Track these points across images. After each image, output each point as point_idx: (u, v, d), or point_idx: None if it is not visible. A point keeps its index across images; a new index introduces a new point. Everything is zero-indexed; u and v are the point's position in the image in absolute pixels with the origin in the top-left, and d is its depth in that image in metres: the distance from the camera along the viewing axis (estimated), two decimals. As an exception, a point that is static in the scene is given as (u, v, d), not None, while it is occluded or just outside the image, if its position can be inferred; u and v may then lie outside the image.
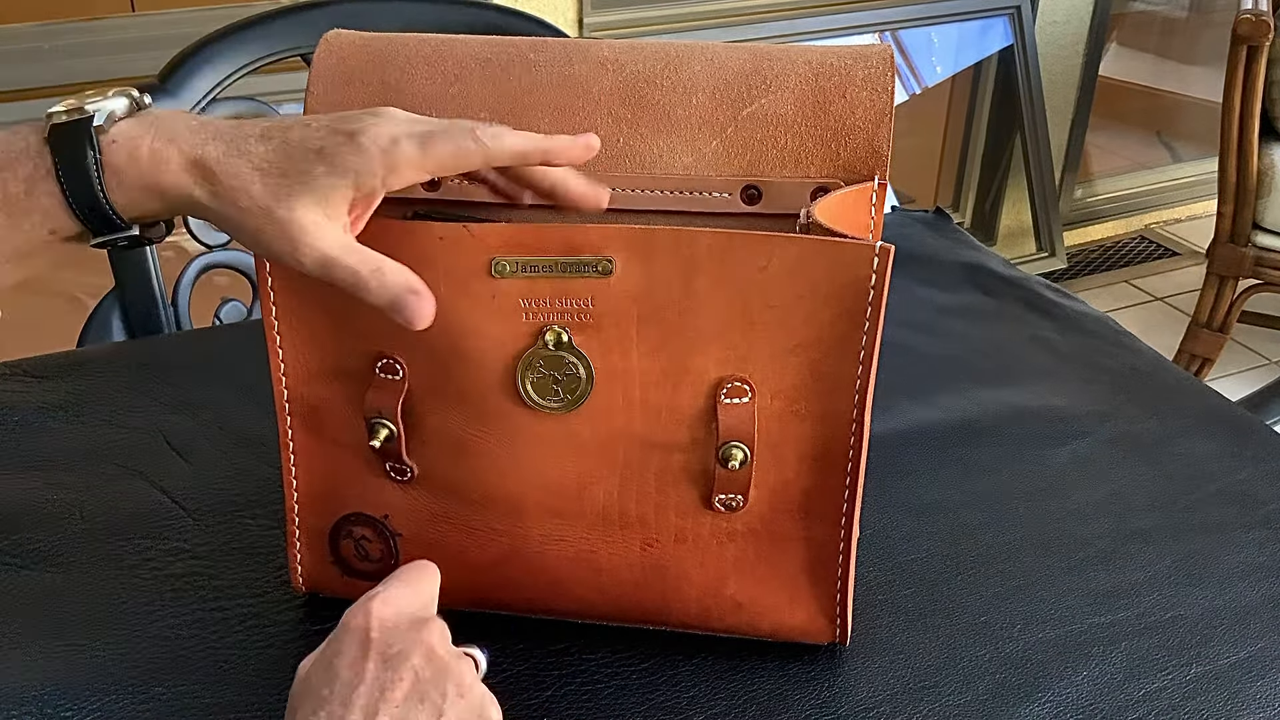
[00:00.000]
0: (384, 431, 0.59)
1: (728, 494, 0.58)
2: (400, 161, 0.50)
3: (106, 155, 0.50)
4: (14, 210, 0.50)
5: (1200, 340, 2.16)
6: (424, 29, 0.69)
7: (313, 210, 0.50)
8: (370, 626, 0.48)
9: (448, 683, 0.47)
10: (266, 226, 0.50)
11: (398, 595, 0.50)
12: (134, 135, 0.51)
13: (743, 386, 0.56)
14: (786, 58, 0.59)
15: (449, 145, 0.51)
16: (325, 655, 0.48)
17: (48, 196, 0.50)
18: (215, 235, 1.05)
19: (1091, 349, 0.93)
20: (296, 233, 0.50)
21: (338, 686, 0.46)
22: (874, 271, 0.53)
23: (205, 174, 0.50)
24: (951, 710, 0.60)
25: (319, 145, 0.50)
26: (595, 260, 0.54)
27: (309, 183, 0.50)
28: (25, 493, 0.73)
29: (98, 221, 0.51)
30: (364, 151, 0.50)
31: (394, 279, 0.52)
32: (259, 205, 0.50)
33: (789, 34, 2.21)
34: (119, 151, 0.50)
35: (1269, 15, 1.88)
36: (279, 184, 0.50)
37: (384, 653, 0.47)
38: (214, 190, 0.51)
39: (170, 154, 0.51)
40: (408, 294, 0.52)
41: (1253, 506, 0.75)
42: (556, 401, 0.57)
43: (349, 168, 0.50)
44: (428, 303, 0.52)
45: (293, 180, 0.50)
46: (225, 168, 0.50)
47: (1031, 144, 2.55)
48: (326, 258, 0.51)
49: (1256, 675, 0.62)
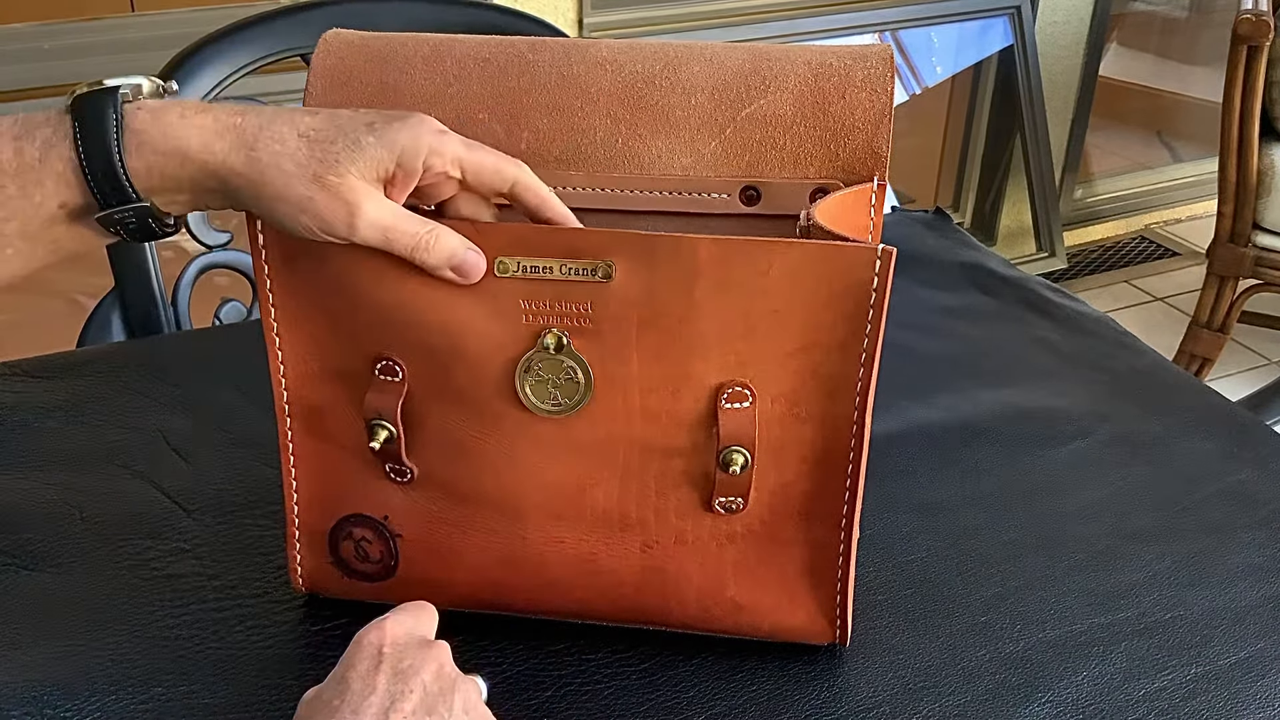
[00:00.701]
0: (383, 433, 0.59)
1: (728, 497, 0.58)
2: (445, 148, 0.51)
3: (129, 119, 0.49)
4: (27, 178, 0.49)
5: (1200, 340, 2.16)
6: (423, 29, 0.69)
7: (362, 179, 0.50)
8: (384, 642, 0.49)
9: (455, 697, 0.48)
10: (317, 194, 0.50)
11: (406, 619, 0.51)
12: (163, 105, 0.50)
13: (743, 391, 0.56)
14: (786, 58, 0.59)
15: (489, 155, 0.53)
16: (336, 673, 0.48)
17: (61, 161, 0.49)
18: (215, 235, 1.05)
19: (1091, 349, 0.93)
20: (351, 198, 0.50)
21: (349, 696, 0.46)
22: (876, 274, 0.53)
23: (243, 139, 0.50)
24: (951, 710, 0.60)
25: (369, 120, 0.51)
26: (596, 264, 0.54)
27: (359, 151, 0.50)
28: (25, 493, 0.73)
29: (110, 186, 0.50)
30: (413, 130, 0.51)
31: (450, 239, 0.53)
32: (306, 171, 0.50)
33: (789, 34, 2.21)
34: (143, 115, 0.50)
35: (1269, 15, 1.88)
36: (328, 150, 0.50)
37: (395, 666, 0.48)
38: (252, 156, 0.50)
39: (203, 120, 0.50)
40: (466, 251, 0.53)
41: (1253, 506, 0.75)
42: (555, 405, 0.56)
43: (398, 142, 0.50)
44: (481, 258, 0.54)
45: (341, 148, 0.50)
46: (268, 133, 0.50)
47: (1031, 144, 2.55)
48: (385, 224, 0.51)
49: (1256, 675, 0.62)
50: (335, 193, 0.50)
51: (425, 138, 0.51)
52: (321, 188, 0.50)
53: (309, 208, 0.50)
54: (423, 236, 0.52)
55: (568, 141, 0.59)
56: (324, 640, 0.63)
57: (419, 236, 0.52)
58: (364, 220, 0.51)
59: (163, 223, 0.53)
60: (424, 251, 0.52)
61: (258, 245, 0.57)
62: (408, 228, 0.52)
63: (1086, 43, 2.64)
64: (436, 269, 0.53)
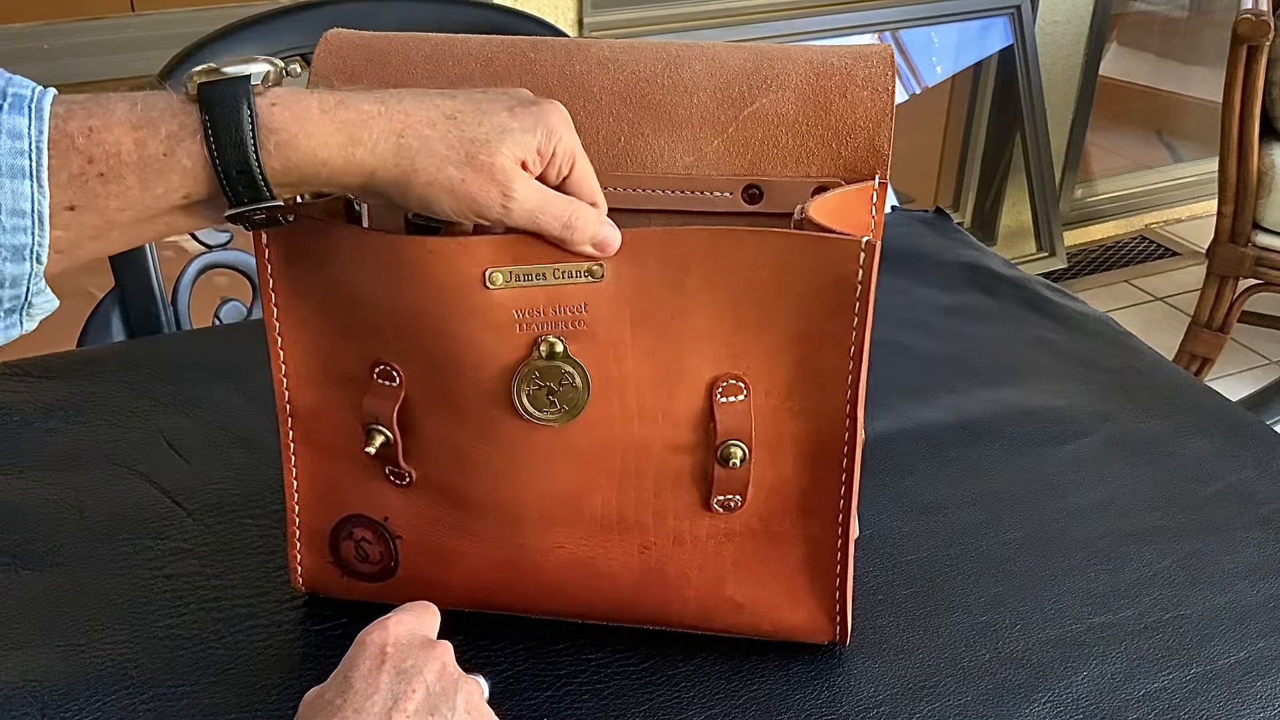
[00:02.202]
0: (380, 438, 0.59)
1: (726, 494, 0.58)
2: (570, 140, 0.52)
3: (264, 116, 0.47)
4: (148, 172, 0.47)
5: (1200, 340, 2.16)
6: (424, 28, 0.69)
7: (511, 159, 0.50)
8: (386, 642, 0.49)
9: (457, 697, 0.48)
10: (470, 175, 0.49)
11: (409, 620, 0.51)
12: (297, 97, 0.48)
13: (737, 384, 0.56)
14: (787, 57, 0.59)
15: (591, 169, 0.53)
16: (339, 672, 0.48)
17: (190, 158, 0.47)
18: (215, 235, 1.05)
19: (1091, 349, 0.93)
20: (504, 178, 0.50)
21: (352, 696, 0.46)
22: (860, 267, 0.53)
23: (391, 126, 0.49)
24: (951, 710, 0.60)
25: (509, 104, 0.51)
26: (586, 265, 0.54)
27: (505, 132, 0.50)
28: (25, 493, 0.73)
29: (243, 186, 0.48)
30: (548, 117, 0.51)
31: (590, 215, 0.53)
32: (459, 152, 0.49)
33: (789, 34, 2.21)
34: (280, 114, 0.47)
35: (1269, 15, 1.88)
36: (477, 130, 0.49)
37: (398, 666, 0.48)
38: (403, 143, 0.49)
39: (345, 114, 0.48)
40: (603, 226, 0.53)
41: (1253, 506, 0.75)
42: (554, 413, 0.56)
43: (538, 126, 0.50)
44: (616, 231, 0.53)
45: (488, 129, 0.50)
46: (415, 117, 0.49)
47: (1031, 144, 2.55)
48: (535, 204, 0.51)
49: (1256, 675, 0.62)
50: (489, 174, 0.49)
51: (558, 126, 0.51)
52: (475, 169, 0.49)
53: (460, 190, 0.50)
54: (570, 215, 0.52)
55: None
56: (324, 640, 0.63)
57: (567, 215, 0.52)
58: (516, 200, 0.50)
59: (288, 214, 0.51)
60: (571, 229, 0.52)
61: (261, 245, 0.57)
62: (557, 207, 0.51)
63: (1086, 43, 2.64)
64: (580, 245, 0.53)
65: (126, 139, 0.46)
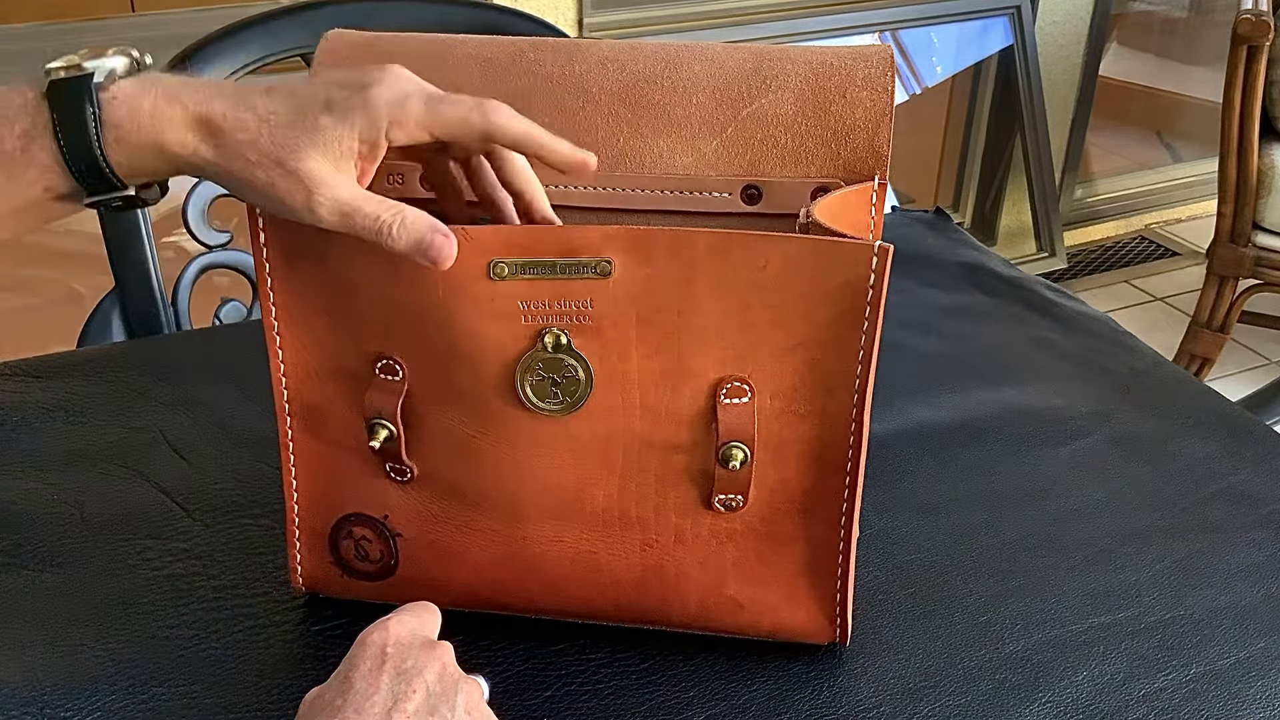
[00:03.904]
0: (383, 432, 0.59)
1: (727, 494, 0.58)
2: (406, 117, 0.51)
3: (106, 112, 0.50)
4: (11, 166, 0.50)
5: (1200, 340, 2.16)
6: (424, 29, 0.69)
7: (322, 161, 0.50)
8: (387, 642, 0.49)
9: (458, 697, 0.48)
10: (278, 180, 0.50)
11: (410, 620, 0.51)
12: (135, 93, 0.50)
13: (742, 386, 0.56)
14: (786, 58, 0.59)
15: (454, 110, 0.52)
16: (339, 672, 0.48)
17: (44, 153, 0.50)
18: (215, 235, 1.05)
19: (1091, 349, 0.93)
20: (310, 183, 0.50)
21: (351, 695, 0.46)
22: (873, 271, 0.53)
23: (211, 130, 0.50)
24: (951, 710, 0.60)
25: (325, 98, 0.51)
26: (594, 261, 0.54)
27: (316, 133, 0.50)
28: (25, 493, 0.73)
29: (94, 179, 0.50)
30: (371, 104, 0.50)
31: (417, 221, 0.52)
32: (268, 158, 0.50)
33: (789, 34, 2.21)
34: (119, 108, 0.50)
35: (1269, 15, 1.88)
36: (286, 135, 0.50)
37: (399, 666, 0.48)
38: (219, 145, 0.50)
39: (173, 111, 0.50)
40: (433, 234, 0.52)
41: (1253, 506, 0.75)
42: (556, 404, 0.56)
43: (354, 119, 0.50)
44: (451, 241, 0.52)
45: (298, 131, 0.50)
46: (231, 123, 0.50)
47: (1031, 144, 2.55)
48: (346, 206, 0.51)
49: (1256, 675, 0.62)
50: (294, 179, 0.50)
51: (383, 110, 0.50)
52: (283, 174, 0.50)
53: (270, 193, 0.51)
54: (385, 219, 0.51)
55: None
56: (324, 640, 0.63)
57: (380, 219, 0.51)
58: (322, 205, 0.50)
59: (147, 200, 0.54)
60: (387, 236, 0.51)
61: (259, 244, 0.57)
62: (368, 209, 0.51)
63: (1086, 43, 2.64)
64: (404, 253, 0.52)
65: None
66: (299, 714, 0.48)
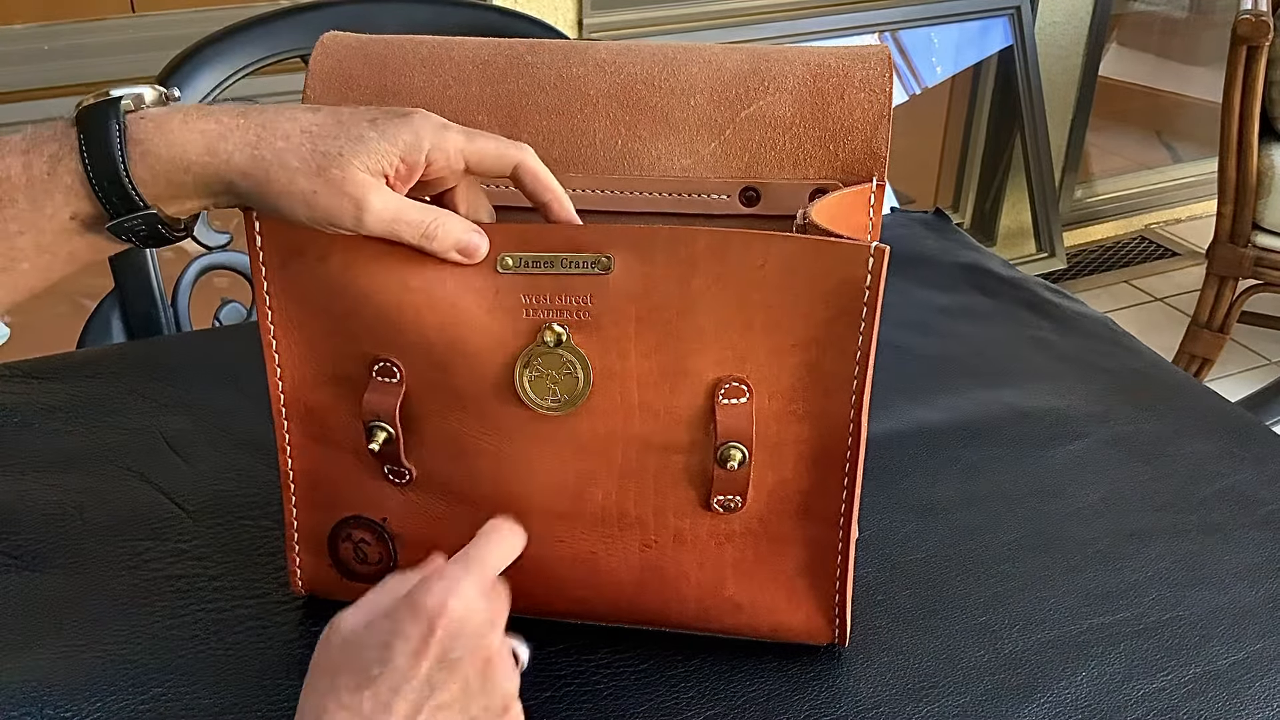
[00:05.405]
0: (382, 435, 0.59)
1: (726, 495, 0.58)
2: (446, 142, 0.53)
3: (133, 129, 0.50)
4: (37, 192, 0.50)
5: (1200, 340, 2.16)
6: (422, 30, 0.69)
7: (364, 172, 0.51)
8: (439, 617, 0.46)
9: (494, 698, 0.48)
10: (322, 188, 0.51)
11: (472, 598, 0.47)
12: (164, 113, 0.51)
13: (740, 387, 0.56)
14: (784, 59, 0.59)
15: (491, 143, 0.54)
16: (383, 626, 0.46)
17: (69, 174, 0.50)
18: (215, 236, 1.05)
19: (1091, 349, 0.93)
20: (357, 190, 0.51)
21: (389, 672, 0.45)
22: (869, 272, 0.53)
23: (247, 139, 0.51)
24: (951, 710, 0.60)
25: (372, 116, 0.52)
26: (594, 257, 0.54)
27: (360, 143, 0.51)
28: (25, 493, 0.73)
29: (115, 196, 0.51)
30: (416, 126, 0.52)
31: (455, 223, 0.54)
32: (311, 165, 0.51)
33: (789, 34, 2.21)
34: (146, 125, 0.51)
35: (1269, 15, 1.89)
36: (330, 144, 0.51)
37: (443, 655, 0.46)
38: (257, 155, 0.51)
39: (206, 125, 0.51)
40: (469, 234, 0.54)
41: (1253, 506, 0.75)
42: (554, 401, 0.57)
43: (400, 136, 0.52)
44: (484, 238, 0.55)
45: (344, 143, 0.51)
46: (271, 130, 0.51)
47: (1031, 144, 2.55)
48: (390, 215, 0.52)
49: (1256, 675, 0.62)
50: (340, 187, 0.51)
51: (427, 133, 0.52)
52: (326, 182, 0.51)
53: (314, 202, 0.51)
54: (429, 224, 0.53)
55: (567, 143, 0.59)
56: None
57: (425, 224, 0.53)
58: (370, 212, 0.52)
59: (173, 228, 0.53)
60: (430, 239, 0.54)
61: (255, 247, 0.57)
62: (413, 217, 0.53)
63: (1086, 43, 2.64)
64: (444, 253, 0.54)
65: (16, 163, 0.50)
66: (324, 637, 0.47)
